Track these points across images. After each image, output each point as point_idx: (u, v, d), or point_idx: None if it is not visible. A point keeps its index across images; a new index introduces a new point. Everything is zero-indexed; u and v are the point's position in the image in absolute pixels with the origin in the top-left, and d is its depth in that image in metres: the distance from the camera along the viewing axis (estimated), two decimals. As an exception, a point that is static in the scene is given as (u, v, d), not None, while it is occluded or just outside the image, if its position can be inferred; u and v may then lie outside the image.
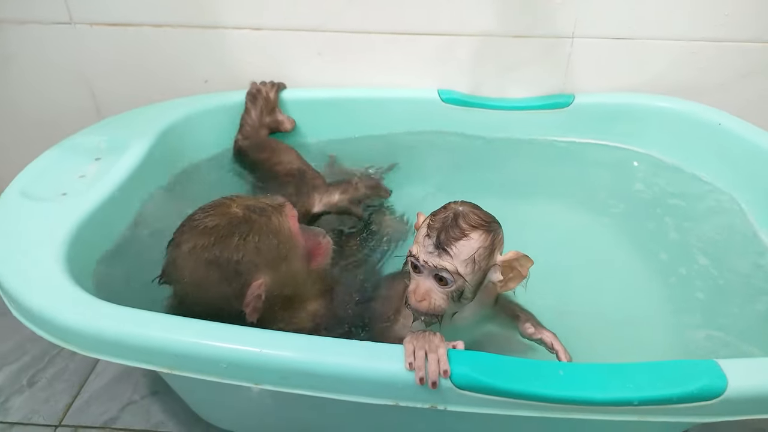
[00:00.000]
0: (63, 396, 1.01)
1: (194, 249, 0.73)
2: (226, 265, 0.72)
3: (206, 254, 0.72)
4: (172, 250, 0.75)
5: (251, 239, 0.73)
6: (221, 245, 0.72)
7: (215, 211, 0.76)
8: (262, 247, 0.74)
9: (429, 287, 0.71)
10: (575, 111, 1.28)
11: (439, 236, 0.69)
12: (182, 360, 0.65)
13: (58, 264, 0.76)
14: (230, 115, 1.24)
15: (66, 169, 0.99)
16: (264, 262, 0.74)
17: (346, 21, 1.24)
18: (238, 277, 0.72)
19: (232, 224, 0.74)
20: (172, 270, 0.75)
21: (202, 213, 0.77)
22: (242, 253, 0.72)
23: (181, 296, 0.76)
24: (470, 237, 0.69)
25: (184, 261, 0.73)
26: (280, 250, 0.76)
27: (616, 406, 0.61)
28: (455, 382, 0.61)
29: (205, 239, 0.73)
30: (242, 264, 0.72)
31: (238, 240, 0.73)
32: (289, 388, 0.64)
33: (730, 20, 1.21)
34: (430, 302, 0.70)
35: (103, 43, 1.28)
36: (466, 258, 0.69)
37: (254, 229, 0.74)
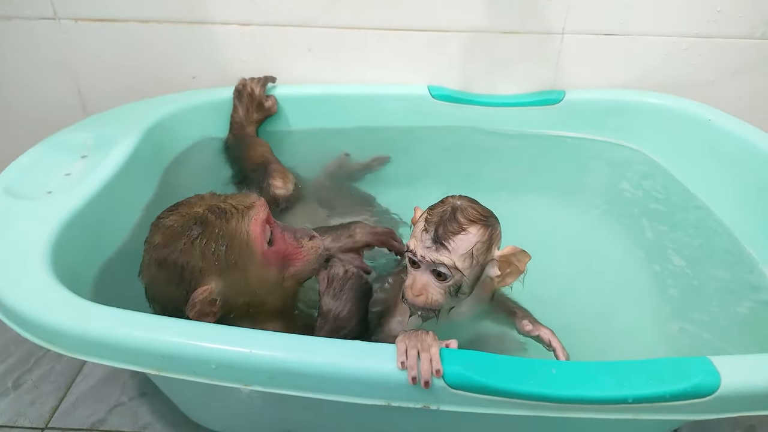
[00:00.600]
0: (49, 398, 1.00)
1: (150, 247, 0.73)
2: (172, 268, 0.70)
3: (156, 254, 0.71)
4: (144, 247, 0.75)
5: (198, 243, 0.70)
6: (170, 247, 0.71)
7: (179, 210, 0.74)
8: (208, 253, 0.71)
9: (426, 282, 0.70)
10: (566, 107, 1.28)
11: (437, 231, 0.68)
12: (170, 361, 0.64)
13: (43, 264, 0.75)
14: (218, 112, 1.23)
15: (51, 167, 0.97)
16: (211, 269, 0.71)
17: (336, 17, 1.23)
18: (183, 282, 0.70)
19: (185, 226, 0.72)
20: (141, 267, 0.75)
21: (168, 211, 0.75)
22: (187, 258, 0.70)
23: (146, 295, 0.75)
24: (468, 231, 0.68)
25: (144, 258, 0.73)
26: (229, 256, 0.72)
27: (610, 404, 0.60)
28: (448, 382, 0.61)
29: (159, 238, 0.72)
30: (186, 269, 0.70)
31: (185, 243, 0.70)
32: (280, 388, 0.63)
33: (721, 17, 1.21)
34: (428, 297, 0.70)
35: (88, 39, 1.26)
36: (463, 252, 0.68)
37: (205, 232, 0.71)
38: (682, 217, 1.12)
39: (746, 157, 1.08)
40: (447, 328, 0.74)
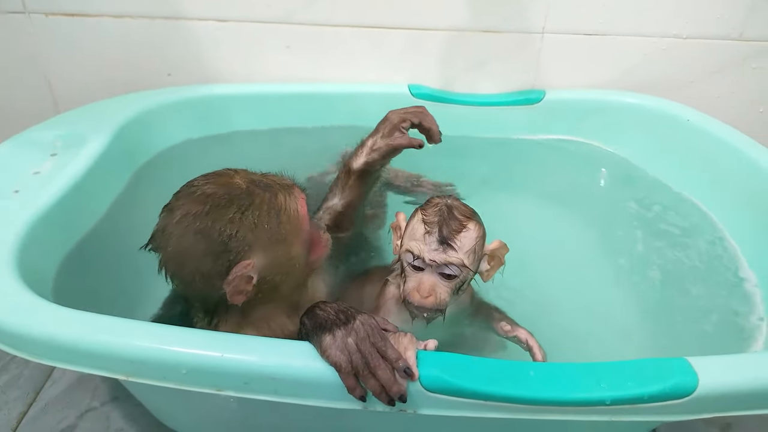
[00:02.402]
0: (17, 404, 0.97)
1: (185, 216, 0.65)
2: (216, 239, 0.64)
3: (197, 223, 0.65)
4: (165, 215, 0.68)
5: (249, 214, 0.66)
6: (215, 215, 0.65)
7: (216, 180, 0.69)
8: (260, 225, 0.66)
9: (434, 282, 0.70)
10: (546, 107, 1.28)
11: (441, 231, 0.69)
12: (140, 366, 0.62)
13: (8, 266, 0.72)
14: (194, 110, 1.21)
15: (19, 165, 0.94)
16: (259, 243, 0.67)
17: (315, 14, 1.22)
18: (226, 254, 0.65)
19: (231, 195, 0.67)
20: (160, 236, 0.67)
21: (202, 179, 0.70)
22: (236, 229, 0.65)
23: (162, 267, 0.68)
24: (469, 228, 0.70)
25: (173, 228, 0.66)
26: (281, 230, 0.68)
27: (588, 405, 0.60)
28: (424, 385, 0.60)
29: (199, 207, 0.65)
30: (234, 240, 0.65)
31: (234, 212, 0.65)
32: (253, 393, 0.62)
33: (700, 17, 1.22)
34: (437, 297, 0.70)
35: (60, 34, 1.23)
36: (468, 249, 0.70)
37: (255, 203, 0.67)
38: (660, 216, 1.12)
39: (724, 156, 1.09)
40: (424, 331, 0.74)
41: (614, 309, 0.97)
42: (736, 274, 0.97)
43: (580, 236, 1.12)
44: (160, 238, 0.67)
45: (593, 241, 1.10)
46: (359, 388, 0.60)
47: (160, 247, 0.68)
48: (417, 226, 0.71)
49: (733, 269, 0.97)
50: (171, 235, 0.66)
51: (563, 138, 1.31)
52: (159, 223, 0.69)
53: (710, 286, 0.97)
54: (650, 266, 1.02)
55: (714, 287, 0.96)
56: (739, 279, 0.96)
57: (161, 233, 0.67)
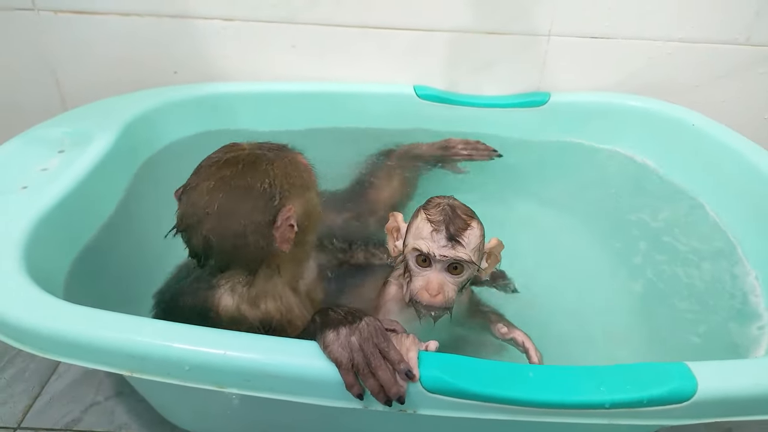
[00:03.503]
0: (22, 398, 0.98)
1: (221, 180, 0.70)
2: (259, 189, 0.69)
3: (236, 182, 0.69)
4: (189, 194, 0.71)
5: (278, 165, 0.72)
6: (250, 172, 0.70)
7: (230, 149, 0.74)
8: (290, 174, 0.73)
9: (442, 280, 0.71)
10: (551, 109, 1.28)
11: (448, 229, 0.70)
12: (143, 362, 0.63)
13: (15, 261, 0.73)
14: (200, 108, 1.21)
15: (27, 162, 0.95)
16: (293, 188, 0.72)
17: (320, 13, 1.22)
18: (271, 202, 0.70)
19: (252, 155, 0.72)
20: (193, 212, 0.70)
21: (218, 152, 0.74)
22: (273, 177, 0.70)
23: (204, 239, 0.69)
24: (472, 226, 0.71)
25: (210, 195, 0.69)
26: (305, 178, 0.75)
27: (587, 409, 0.60)
28: (425, 385, 0.60)
29: (231, 169, 0.70)
30: (274, 187, 0.70)
31: (266, 165, 0.71)
32: (255, 391, 0.62)
33: (705, 22, 1.22)
34: (445, 295, 0.71)
35: (68, 31, 1.24)
36: (474, 246, 0.71)
37: (279, 157, 0.73)
38: (663, 220, 1.12)
39: (729, 161, 1.09)
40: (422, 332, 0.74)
41: (613, 313, 0.97)
42: (739, 279, 0.97)
43: (581, 239, 1.12)
44: (193, 212, 0.70)
45: (595, 244, 1.11)
46: (357, 385, 0.60)
47: (196, 221, 0.69)
48: (422, 225, 0.72)
49: (735, 275, 0.97)
50: (210, 201, 0.69)
51: (568, 140, 1.31)
52: (184, 203, 0.72)
53: (712, 291, 0.96)
54: (652, 270, 1.02)
55: (715, 293, 0.96)
56: (741, 285, 0.95)
57: (193, 207, 0.70)
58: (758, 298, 0.92)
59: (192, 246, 0.72)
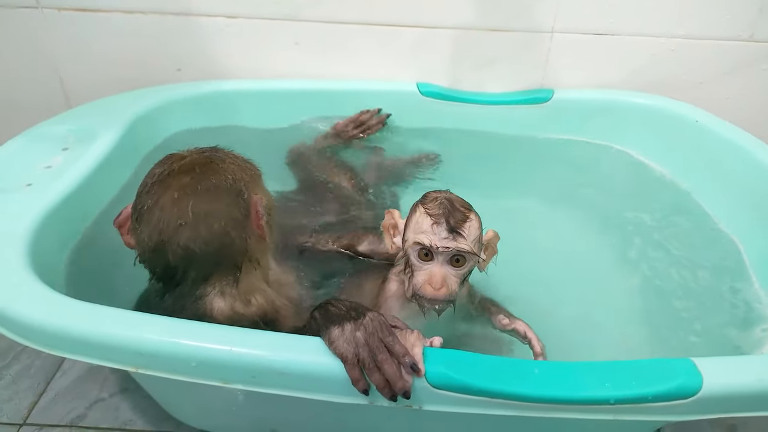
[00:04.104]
0: (28, 394, 0.98)
1: (184, 187, 0.67)
2: (227, 187, 0.69)
3: (201, 184, 0.67)
4: (150, 212, 0.67)
5: (230, 162, 0.72)
6: (210, 172, 0.69)
7: (172, 160, 0.71)
8: (242, 166, 0.73)
9: (444, 274, 0.71)
10: (554, 106, 1.28)
11: (448, 221, 0.70)
12: (150, 359, 0.63)
13: (20, 258, 0.74)
14: (203, 105, 1.22)
15: (31, 159, 0.95)
16: (251, 180, 0.73)
17: (323, 11, 1.22)
18: (241, 196, 0.70)
19: (202, 158, 0.71)
20: (162, 228, 0.66)
21: (159, 167, 0.71)
22: (233, 174, 0.70)
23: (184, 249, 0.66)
24: (471, 218, 0.72)
25: (179, 205, 0.66)
26: (253, 169, 0.75)
27: (593, 404, 0.60)
28: (430, 381, 0.60)
29: (188, 175, 0.68)
30: (238, 181, 0.70)
31: (220, 164, 0.71)
32: (261, 387, 0.63)
33: (709, 18, 1.22)
34: (448, 288, 0.71)
35: (71, 29, 1.24)
36: (474, 238, 0.71)
37: (224, 156, 0.73)
38: (668, 215, 1.12)
39: (732, 157, 1.09)
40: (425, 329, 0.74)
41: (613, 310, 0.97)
42: (741, 279, 0.97)
43: (582, 234, 1.13)
44: (163, 228, 0.66)
45: (596, 240, 1.11)
46: (363, 380, 0.60)
47: (167, 239, 0.66)
48: (421, 219, 0.72)
49: (737, 274, 0.97)
50: (181, 210, 0.66)
51: (571, 137, 1.31)
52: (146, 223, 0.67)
53: (714, 291, 0.96)
54: (654, 267, 1.02)
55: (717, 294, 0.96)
56: (743, 284, 0.96)
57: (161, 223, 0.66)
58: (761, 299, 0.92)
59: (167, 264, 0.68)
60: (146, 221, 0.68)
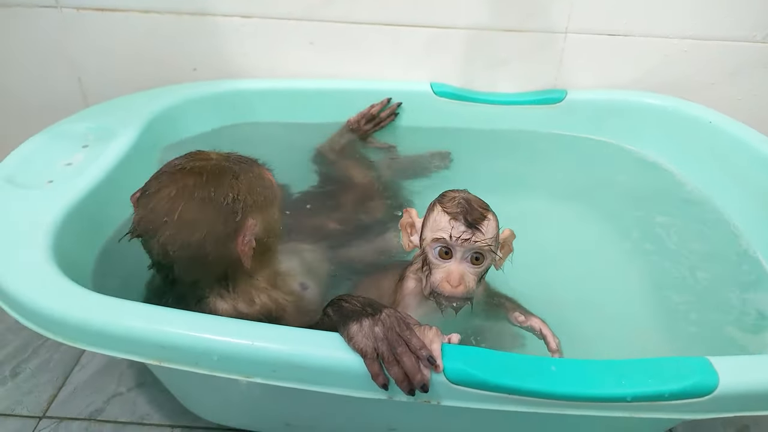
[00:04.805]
0: (47, 387, 1.00)
1: (183, 189, 0.69)
2: (222, 203, 0.69)
3: (199, 192, 0.68)
4: (149, 199, 0.70)
5: (243, 179, 0.72)
6: (214, 183, 0.70)
7: (195, 157, 0.73)
8: (253, 188, 0.72)
9: (463, 271, 0.72)
10: (567, 107, 1.28)
11: (466, 218, 0.71)
12: (172, 352, 0.64)
13: (44, 253, 0.75)
14: (219, 104, 1.23)
15: (52, 157, 0.97)
16: (256, 204, 0.72)
17: (337, 10, 1.23)
18: (233, 216, 0.69)
19: (218, 167, 0.72)
20: (151, 218, 0.68)
21: (182, 159, 0.74)
22: (237, 191, 0.70)
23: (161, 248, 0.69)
24: (489, 217, 0.73)
25: (171, 203, 0.68)
26: (267, 195, 0.75)
27: (609, 402, 0.61)
28: (449, 377, 0.61)
29: (194, 179, 0.69)
30: (237, 202, 0.70)
31: (231, 179, 0.71)
32: (281, 381, 0.64)
33: (721, 19, 1.22)
34: (466, 285, 0.72)
35: (89, 28, 1.25)
36: (493, 235, 0.72)
37: (243, 171, 0.73)
38: (681, 216, 1.13)
39: (745, 159, 1.09)
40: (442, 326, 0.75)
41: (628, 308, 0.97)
42: (757, 278, 0.97)
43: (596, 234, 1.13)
44: (152, 218, 0.68)
45: (610, 239, 1.11)
46: (382, 375, 0.61)
47: (153, 228, 0.68)
48: (439, 217, 0.73)
49: (753, 274, 0.98)
50: (170, 210, 0.68)
51: (584, 137, 1.31)
52: (142, 207, 0.70)
53: (729, 290, 0.96)
54: (668, 267, 1.02)
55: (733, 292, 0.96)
56: (759, 284, 0.96)
57: (152, 213, 0.68)
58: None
59: (150, 253, 0.71)
60: (143, 205, 0.70)
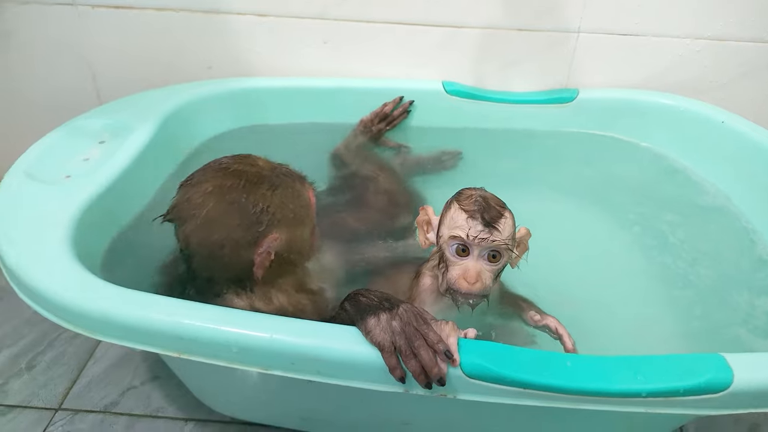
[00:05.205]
0: (62, 380, 1.01)
1: (219, 188, 0.71)
2: (250, 210, 0.70)
3: (231, 195, 0.71)
4: (188, 188, 0.73)
5: (279, 192, 0.73)
6: (249, 190, 0.71)
7: (243, 160, 0.75)
8: (286, 203, 0.74)
9: (480, 268, 0.73)
10: (579, 106, 1.28)
11: (483, 216, 0.71)
12: (192, 344, 0.65)
13: (64, 246, 0.76)
14: (234, 102, 1.24)
15: (70, 152, 0.98)
16: (285, 220, 0.73)
17: (352, 9, 1.24)
18: (257, 226, 0.71)
19: (261, 174, 0.73)
20: (184, 207, 0.71)
21: (230, 159, 0.76)
22: (268, 204, 0.71)
23: (185, 238, 0.72)
24: (505, 215, 0.73)
25: (203, 198, 0.71)
26: (299, 213, 0.76)
27: (624, 397, 0.61)
28: (465, 371, 0.62)
29: (233, 181, 0.71)
30: (265, 213, 0.71)
31: (266, 189, 0.72)
32: (299, 374, 0.64)
33: (735, 20, 1.22)
34: (483, 283, 0.72)
35: (105, 26, 1.26)
36: (509, 233, 0.73)
37: (283, 185, 0.74)
38: (695, 215, 1.13)
39: (758, 159, 1.09)
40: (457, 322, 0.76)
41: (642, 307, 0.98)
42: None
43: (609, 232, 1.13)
44: (185, 208, 0.71)
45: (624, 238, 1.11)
46: (400, 368, 0.62)
47: (183, 217, 0.71)
48: (456, 215, 0.73)
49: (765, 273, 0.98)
50: (201, 205, 0.70)
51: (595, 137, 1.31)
52: (180, 195, 0.73)
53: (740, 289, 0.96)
54: (681, 266, 1.03)
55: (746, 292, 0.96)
56: None
57: (186, 203, 0.71)
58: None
59: (177, 239, 0.74)
60: (182, 193, 0.73)
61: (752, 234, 1.05)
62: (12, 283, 0.74)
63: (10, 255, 0.74)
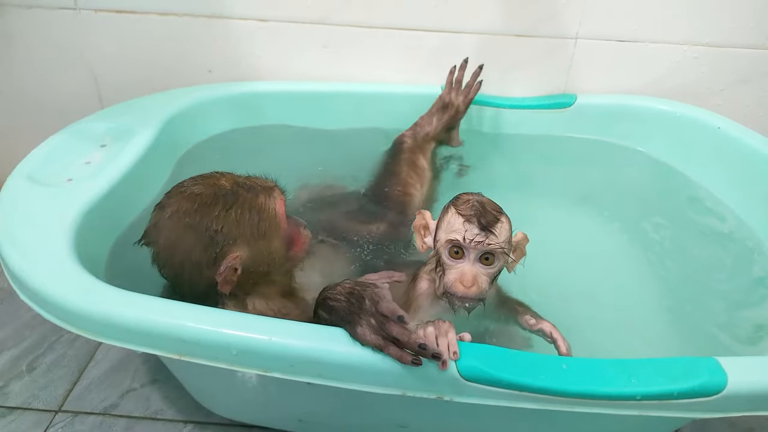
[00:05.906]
0: (62, 382, 1.01)
1: (176, 212, 0.74)
2: (204, 233, 0.73)
3: (186, 219, 0.73)
4: (157, 213, 0.76)
5: (233, 212, 0.75)
6: (202, 212, 0.74)
7: (204, 181, 0.78)
8: (243, 222, 0.75)
9: (476, 272, 0.73)
10: (577, 111, 1.29)
11: (479, 220, 0.72)
12: (192, 346, 0.65)
13: (66, 249, 0.77)
14: (234, 106, 1.25)
15: (72, 155, 0.99)
16: (242, 237, 0.75)
17: (351, 14, 1.25)
18: (214, 246, 0.73)
19: (217, 195, 0.75)
20: (152, 232, 0.76)
21: (191, 181, 0.78)
22: (222, 224, 0.73)
23: (155, 260, 0.76)
24: (502, 220, 0.74)
25: (164, 223, 0.74)
26: (261, 227, 0.77)
27: (619, 400, 0.62)
28: (462, 373, 0.62)
29: (188, 204, 0.74)
30: (220, 234, 0.73)
31: (220, 210, 0.74)
32: (298, 376, 0.65)
33: (732, 26, 1.23)
34: (479, 286, 0.73)
35: (107, 30, 1.28)
36: (505, 238, 0.74)
37: (238, 202, 0.76)
38: (691, 221, 1.14)
39: (754, 165, 1.10)
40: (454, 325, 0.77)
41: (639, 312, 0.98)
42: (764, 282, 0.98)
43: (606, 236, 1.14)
44: (153, 232, 0.76)
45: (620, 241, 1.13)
46: (405, 354, 0.62)
47: (152, 241, 0.76)
48: (453, 219, 0.74)
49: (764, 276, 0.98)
50: (162, 229, 0.74)
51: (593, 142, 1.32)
52: (151, 220, 0.77)
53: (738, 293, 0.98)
54: (678, 270, 1.03)
55: (742, 294, 0.97)
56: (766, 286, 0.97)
57: (153, 228, 0.76)
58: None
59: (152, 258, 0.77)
60: (152, 217, 0.77)
61: (748, 241, 1.05)
62: (14, 285, 0.75)
63: (12, 258, 0.74)
